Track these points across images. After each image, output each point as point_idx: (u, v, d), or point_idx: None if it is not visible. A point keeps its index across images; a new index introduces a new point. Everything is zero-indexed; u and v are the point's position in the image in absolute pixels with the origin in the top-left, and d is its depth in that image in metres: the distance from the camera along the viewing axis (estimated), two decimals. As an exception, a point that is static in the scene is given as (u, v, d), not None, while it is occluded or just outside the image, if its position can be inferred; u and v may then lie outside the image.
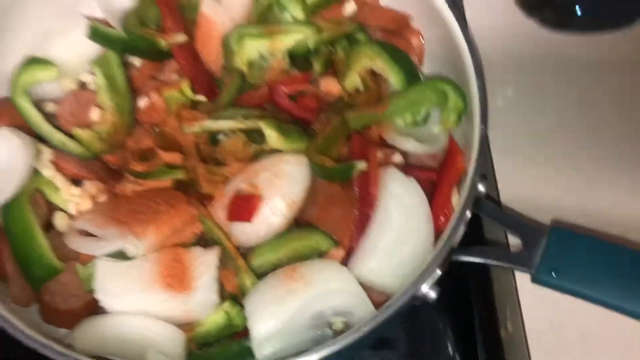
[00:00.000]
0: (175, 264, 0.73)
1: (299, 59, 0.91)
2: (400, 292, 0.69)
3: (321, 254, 0.79)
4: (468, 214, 0.73)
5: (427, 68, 0.93)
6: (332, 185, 0.78)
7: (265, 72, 0.90)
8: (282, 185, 0.78)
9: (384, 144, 0.85)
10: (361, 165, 0.76)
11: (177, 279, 0.72)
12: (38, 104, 0.87)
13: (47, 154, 0.84)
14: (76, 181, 0.85)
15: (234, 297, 0.77)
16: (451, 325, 0.86)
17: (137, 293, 0.72)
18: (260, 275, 0.78)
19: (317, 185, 0.79)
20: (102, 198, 0.84)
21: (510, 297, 0.91)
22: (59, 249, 0.81)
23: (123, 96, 0.88)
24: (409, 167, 0.82)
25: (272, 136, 0.79)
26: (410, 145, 0.82)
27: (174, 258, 0.74)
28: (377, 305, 0.74)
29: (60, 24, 0.91)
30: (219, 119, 0.85)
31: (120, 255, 0.76)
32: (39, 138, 0.85)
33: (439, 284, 0.72)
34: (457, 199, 0.80)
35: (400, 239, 0.76)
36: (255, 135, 0.85)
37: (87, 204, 0.83)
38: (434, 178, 0.83)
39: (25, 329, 0.68)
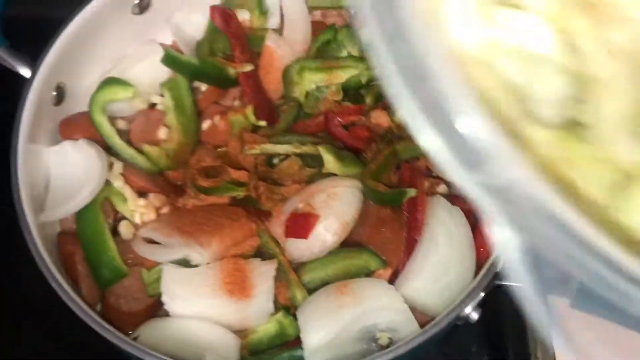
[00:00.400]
0: (237, 273, 0.79)
1: (351, 91, 0.98)
2: (447, 311, 0.74)
3: (368, 273, 0.85)
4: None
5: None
6: (383, 209, 0.84)
7: (321, 102, 0.97)
8: (336, 206, 0.84)
9: (429, 174, 0.91)
10: (411, 192, 0.82)
11: (238, 286, 0.78)
12: (110, 120, 0.95)
13: (118, 166, 0.91)
14: (142, 193, 0.92)
15: (285, 308, 0.83)
16: (485, 348, 0.91)
17: (201, 297, 0.78)
18: (309, 290, 0.84)
19: (368, 208, 0.85)
20: (165, 210, 0.91)
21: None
22: (123, 254, 0.87)
23: (189, 117, 0.96)
24: (453, 197, 0.88)
25: (330, 160, 0.85)
26: (456, 177, 0.87)
27: (235, 267, 0.80)
28: (419, 324, 0.79)
29: (136, 49, 1.00)
30: (277, 143, 0.92)
31: (184, 263, 0.82)
32: (109, 151, 0.93)
33: (481, 305, 0.77)
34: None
35: (445, 263, 0.81)
36: (308, 159, 0.92)
37: (151, 215, 0.90)
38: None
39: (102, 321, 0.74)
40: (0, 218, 0.80)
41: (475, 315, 0.77)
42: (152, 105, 0.98)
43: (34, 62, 0.87)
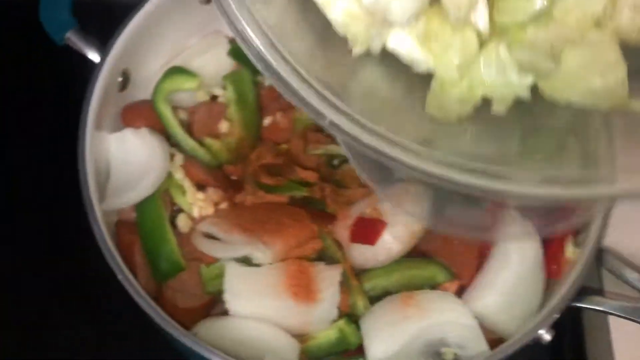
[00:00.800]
0: (301, 275, 0.77)
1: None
2: (522, 333, 0.71)
3: (434, 285, 0.82)
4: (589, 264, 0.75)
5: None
6: (456, 219, 0.81)
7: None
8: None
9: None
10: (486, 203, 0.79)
11: (303, 289, 0.75)
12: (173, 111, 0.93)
13: (179, 158, 0.89)
14: (200, 187, 0.90)
15: (346, 315, 0.80)
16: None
17: (264, 298, 0.75)
18: (370, 298, 0.81)
19: (438, 218, 0.82)
20: (223, 205, 0.88)
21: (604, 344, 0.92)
22: (179, 248, 0.85)
23: (251, 112, 0.93)
24: (522, 208, 0.84)
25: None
26: (529, 190, 0.84)
27: (299, 269, 0.77)
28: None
29: (200, 40, 0.98)
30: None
31: (244, 261, 0.80)
32: (169, 142, 0.91)
33: (554, 326, 0.74)
34: (572, 250, 0.82)
35: (516, 279, 0.78)
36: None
37: (209, 209, 0.87)
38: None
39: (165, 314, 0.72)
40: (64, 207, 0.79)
41: (547, 337, 0.74)
42: (214, 98, 0.96)
43: (103, 47, 0.85)
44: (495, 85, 0.52)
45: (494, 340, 0.79)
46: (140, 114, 0.92)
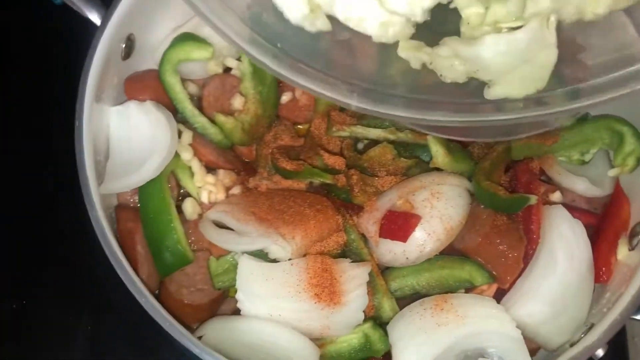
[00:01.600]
0: (324, 274, 0.68)
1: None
2: (577, 352, 0.63)
3: (469, 288, 0.73)
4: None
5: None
6: (499, 216, 0.72)
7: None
8: (440, 207, 0.72)
9: (545, 179, 0.79)
10: (533, 199, 0.70)
11: (326, 290, 0.67)
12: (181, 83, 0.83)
13: (187, 136, 0.80)
14: (210, 169, 0.81)
15: (371, 319, 0.72)
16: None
17: (282, 299, 0.67)
18: (396, 299, 0.73)
19: (477, 213, 0.73)
20: (236, 190, 0.80)
21: None
22: (185, 237, 0.76)
23: (268, 87, 0.84)
24: (571, 208, 0.76)
25: (440, 153, 0.73)
26: (581, 186, 0.76)
27: (322, 267, 0.69)
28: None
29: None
30: (370, 127, 0.81)
31: (259, 255, 0.71)
32: (176, 117, 0.81)
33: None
34: (625, 253, 0.73)
35: (564, 285, 0.70)
36: (400, 148, 0.81)
37: (220, 194, 0.79)
38: (593, 223, 0.77)
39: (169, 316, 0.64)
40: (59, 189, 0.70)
41: (601, 352, 0.66)
42: (227, 70, 0.86)
43: (105, 7, 0.75)
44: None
45: (532, 349, 0.71)
46: (145, 86, 0.82)
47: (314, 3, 0.62)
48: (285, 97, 0.86)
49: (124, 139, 0.77)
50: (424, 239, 0.71)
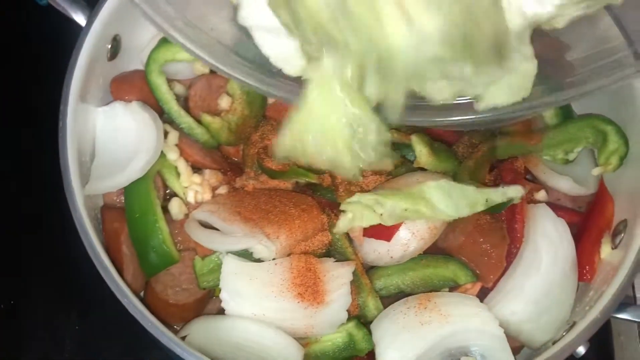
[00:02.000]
0: (308, 273, 0.68)
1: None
2: (559, 349, 0.63)
3: (453, 287, 0.74)
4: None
5: (579, 104, 0.87)
6: (482, 214, 0.72)
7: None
8: (424, 206, 0.72)
9: (530, 178, 0.79)
10: (517, 197, 0.71)
11: (310, 289, 0.67)
12: (168, 83, 0.83)
13: (173, 136, 0.80)
14: (196, 169, 0.81)
15: (355, 318, 0.72)
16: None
17: (266, 298, 0.67)
18: (380, 298, 0.73)
19: (461, 212, 0.74)
20: (222, 190, 0.80)
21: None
22: (171, 237, 0.76)
23: (255, 87, 0.84)
24: (555, 206, 0.76)
25: (423, 153, 0.74)
26: (565, 185, 0.76)
27: (306, 267, 0.69)
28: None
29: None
30: (356, 126, 0.81)
31: (244, 255, 0.72)
32: (162, 118, 0.81)
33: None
34: (608, 251, 0.74)
35: (547, 283, 0.70)
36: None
37: (206, 194, 0.79)
38: (577, 222, 0.78)
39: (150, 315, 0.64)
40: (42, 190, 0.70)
41: (582, 350, 0.66)
42: (214, 70, 0.86)
43: (90, 8, 0.76)
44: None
45: (516, 348, 0.71)
46: (131, 86, 0.82)
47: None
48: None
49: (110, 140, 0.78)
50: (408, 238, 0.72)
